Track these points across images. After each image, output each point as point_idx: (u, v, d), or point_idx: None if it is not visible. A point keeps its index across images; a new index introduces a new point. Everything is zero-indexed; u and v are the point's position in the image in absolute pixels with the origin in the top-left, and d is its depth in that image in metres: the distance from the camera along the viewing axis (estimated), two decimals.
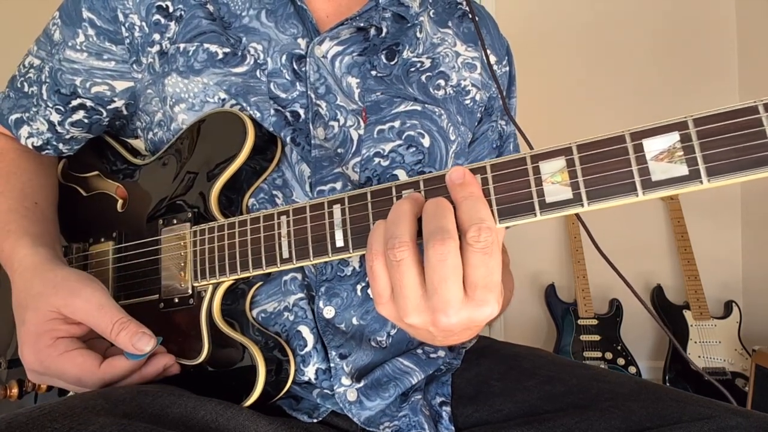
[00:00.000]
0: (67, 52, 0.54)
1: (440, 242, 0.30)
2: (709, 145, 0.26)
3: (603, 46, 2.04)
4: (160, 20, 0.52)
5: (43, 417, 0.33)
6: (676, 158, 0.27)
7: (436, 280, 0.31)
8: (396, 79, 0.55)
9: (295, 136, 0.51)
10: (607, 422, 0.42)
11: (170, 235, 0.51)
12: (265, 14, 0.53)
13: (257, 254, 0.44)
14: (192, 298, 0.49)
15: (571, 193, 0.30)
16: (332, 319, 0.50)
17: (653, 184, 0.27)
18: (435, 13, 0.61)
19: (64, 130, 0.58)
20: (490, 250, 0.30)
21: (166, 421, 0.37)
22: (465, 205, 0.32)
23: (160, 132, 0.56)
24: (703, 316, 1.73)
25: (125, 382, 0.45)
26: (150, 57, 0.53)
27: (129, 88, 0.56)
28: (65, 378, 0.43)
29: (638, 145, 0.28)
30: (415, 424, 0.49)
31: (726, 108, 0.26)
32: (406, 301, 0.33)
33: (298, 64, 0.52)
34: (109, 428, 0.33)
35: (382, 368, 0.51)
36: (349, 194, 0.40)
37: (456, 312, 0.32)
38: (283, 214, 0.43)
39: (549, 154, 0.31)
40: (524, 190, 0.31)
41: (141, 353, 0.43)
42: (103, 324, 0.43)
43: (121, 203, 0.57)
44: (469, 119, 0.60)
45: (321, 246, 0.40)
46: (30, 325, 0.43)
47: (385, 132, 0.53)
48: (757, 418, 0.39)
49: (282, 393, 0.47)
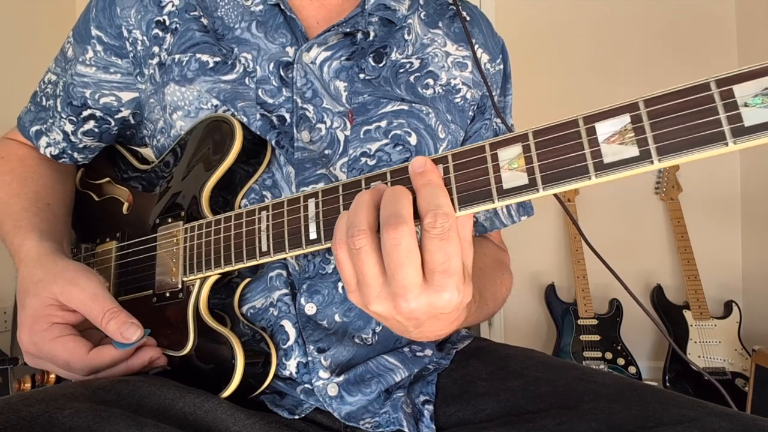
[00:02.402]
0: (78, 67, 0.57)
1: (393, 227, 0.30)
2: (660, 124, 0.24)
3: (603, 46, 2.00)
4: (158, 34, 0.54)
5: (20, 402, 0.32)
6: (627, 140, 0.25)
7: (393, 266, 0.30)
8: (384, 81, 0.55)
9: (280, 139, 0.51)
10: (587, 424, 0.40)
11: (165, 233, 0.51)
12: (255, 26, 0.54)
13: (239, 248, 0.44)
14: (181, 292, 0.49)
15: (527, 178, 0.28)
16: (314, 315, 0.49)
17: (605, 166, 0.26)
18: (426, 15, 0.61)
19: (78, 139, 0.60)
20: (447, 236, 0.29)
21: (143, 411, 0.36)
22: (423, 192, 0.31)
23: (162, 138, 0.57)
24: (703, 316, 1.67)
25: (111, 371, 0.45)
26: (151, 68, 0.54)
27: (134, 99, 0.58)
28: (55, 362, 0.43)
29: (591, 129, 0.26)
30: (394, 420, 0.48)
31: (678, 87, 0.24)
32: (368, 288, 0.32)
33: (285, 71, 0.52)
34: (84, 413, 0.32)
35: (366, 364, 0.50)
36: (323, 188, 0.39)
37: (415, 297, 0.31)
38: (263, 209, 0.43)
39: (506, 141, 0.30)
40: (482, 177, 0.30)
41: (128, 342, 0.43)
42: (95, 312, 0.44)
43: (126, 206, 0.59)
44: (460, 117, 0.59)
45: (296, 239, 0.40)
46: (29, 309, 0.44)
47: (372, 132, 0.53)
48: (741, 420, 0.37)
49: (263, 386, 0.46)
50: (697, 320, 1.67)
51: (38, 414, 0.31)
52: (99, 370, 0.44)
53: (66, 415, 0.32)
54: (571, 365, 0.51)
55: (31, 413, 0.31)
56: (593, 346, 1.71)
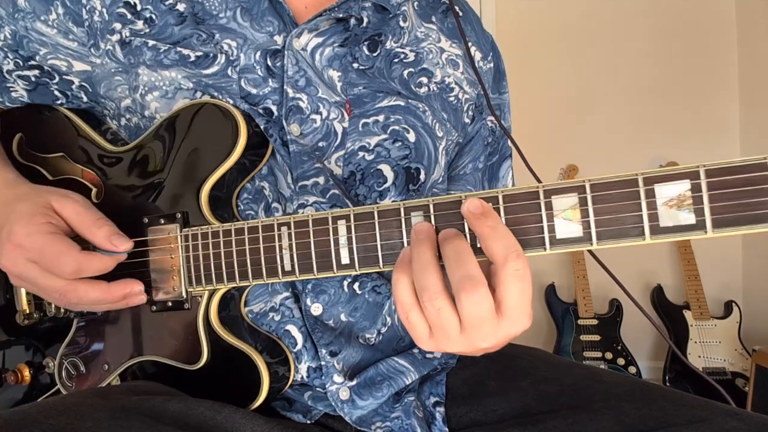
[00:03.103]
0: (38, 24, 0.57)
1: (471, 291, 0.34)
2: (717, 197, 0.29)
3: (602, 46, 2.10)
4: (125, 14, 0.55)
5: (40, 413, 0.35)
6: (685, 206, 0.30)
7: (473, 322, 0.35)
8: (378, 72, 0.57)
9: (267, 131, 0.53)
10: (598, 424, 0.45)
11: (158, 236, 0.52)
12: (240, 13, 0.55)
13: (257, 265, 0.46)
14: (187, 302, 0.51)
15: (582, 231, 0.33)
16: (320, 316, 0.53)
17: (661, 230, 0.30)
18: (419, 6, 0.63)
19: (11, 79, 0.60)
20: (525, 275, 0.34)
21: (163, 417, 0.40)
22: (495, 235, 0.35)
23: (135, 118, 0.57)
24: (703, 316, 1.81)
25: (97, 306, 0.50)
26: (109, 44, 0.55)
27: (85, 71, 0.59)
28: (45, 255, 0.46)
29: (650, 190, 0.31)
30: (407, 427, 0.53)
31: (736, 161, 0.29)
32: (447, 338, 0.37)
33: (273, 59, 0.54)
34: (106, 423, 0.36)
35: (376, 367, 0.54)
36: (355, 211, 0.42)
37: (494, 335, 0.36)
38: (283, 225, 0.45)
39: (562, 189, 0.34)
40: (536, 224, 0.34)
41: (116, 250, 0.49)
42: (88, 219, 0.49)
43: (95, 192, 0.58)
44: (454, 116, 0.62)
45: (326, 262, 0.43)
46: (23, 209, 0.48)
47: (370, 126, 0.56)
48: (753, 420, 0.42)
49: (281, 393, 0.51)
50: (697, 320, 1.81)
51: (60, 426, 0.35)
52: (84, 275, 0.48)
53: (88, 426, 0.35)
54: (577, 364, 0.57)
55: (53, 426, 0.34)
56: (593, 346, 1.84)
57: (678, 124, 2.06)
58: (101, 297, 0.48)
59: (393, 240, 0.40)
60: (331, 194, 0.52)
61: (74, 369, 0.57)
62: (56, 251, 0.46)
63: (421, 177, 0.58)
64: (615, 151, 2.10)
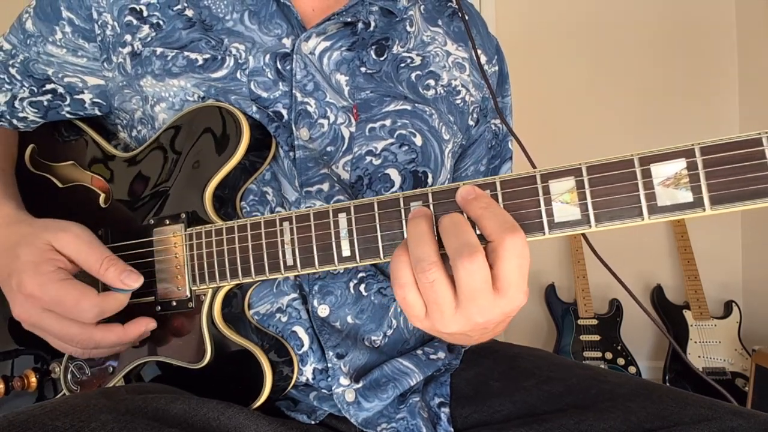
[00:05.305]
0: (48, 47, 0.57)
1: (468, 258, 0.33)
2: (713, 173, 0.29)
3: (603, 46, 2.11)
4: (132, 21, 0.55)
5: (45, 415, 0.35)
6: (682, 185, 0.29)
7: (469, 293, 0.34)
8: (386, 77, 0.58)
9: (277, 135, 0.53)
10: (605, 423, 0.45)
11: (163, 237, 0.52)
12: (248, 16, 0.55)
13: (260, 261, 0.46)
14: (191, 301, 0.51)
15: (580, 214, 0.32)
16: (327, 317, 0.53)
17: (659, 209, 0.30)
18: (425, 9, 0.64)
19: (21, 107, 0.60)
20: (524, 253, 0.34)
21: (167, 418, 0.39)
22: (487, 214, 0.35)
23: (144, 130, 0.57)
24: (703, 316, 1.80)
25: (112, 349, 0.49)
26: (121, 57, 0.55)
27: (99, 86, 0.59)
28: (63, 304, 0.46)
29: (646, 170, 0.31)
30: (413, 427, 0.52)
31: (731, 138, 0.29)
32: (441, 315, 0.36)
33: (282, 63, 0.54)
34: (111, 425, 0.35)
35: (381, 369, 0.54)
36: (355, 203, 0.42)
37: (491, 311, 0.35)
38: (285, 220, 0.45)
39: (559, 173, 0.33)
40: (534, 208, 0.34)
41: (129, 288, 0.48)
42: (93, 259, 0.47)
43: (103, 198, 0.58)
44: (461, 119, 0.62)
45: (327, 255, 0.43)
46: (26, 257, 0.47)
47: (377, 130, 0.56)
48: (758, 419, 0.42)
49: (284, 393, 0.50)
50: (697, 320, 1.80)
51: (65, 428, 0.34)
52: (105, 315, 0.47)
53: (93, 428, 0.35)
54: (580, 364, 0.57)
55: (57, 428, 0.34)
56: (593, 346, 1.82)
57: (678, 123, 2.06)
58: (119, 340, 0.48)
59: (393, 230, 0.40)
60: (335, 200, 0.52)
61: (80, 373, 0.57)
62: (74, 299, 0.46)
63: (428, 180, 0.58)
64: (615, 151, 2.05)
